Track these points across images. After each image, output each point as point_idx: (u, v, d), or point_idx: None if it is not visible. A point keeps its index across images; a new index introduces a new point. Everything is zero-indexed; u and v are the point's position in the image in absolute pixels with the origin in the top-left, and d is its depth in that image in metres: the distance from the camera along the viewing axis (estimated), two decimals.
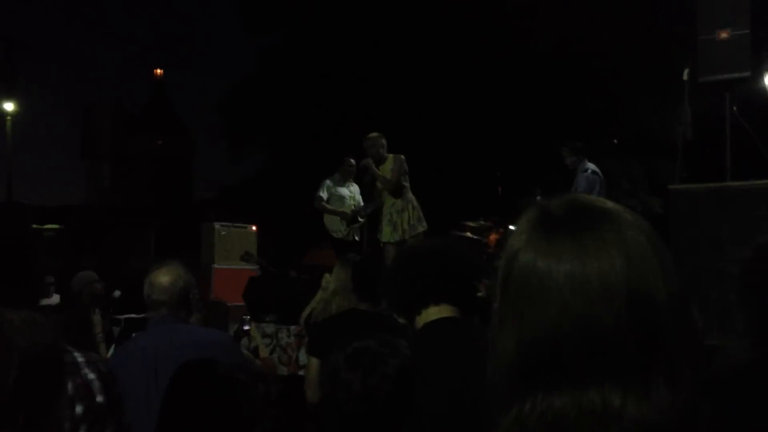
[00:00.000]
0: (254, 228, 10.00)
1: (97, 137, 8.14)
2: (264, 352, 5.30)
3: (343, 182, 8.59)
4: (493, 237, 9.11)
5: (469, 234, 9.53)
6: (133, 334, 3.72)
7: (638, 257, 0.75)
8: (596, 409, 0.71)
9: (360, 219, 8.37)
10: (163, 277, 2.86)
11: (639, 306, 0.73)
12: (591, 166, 7.15)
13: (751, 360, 1.70)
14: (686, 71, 4.91)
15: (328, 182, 8.49)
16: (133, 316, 5.58)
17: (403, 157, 7.21)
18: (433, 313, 2.22)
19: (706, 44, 4.78)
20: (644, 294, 0.73)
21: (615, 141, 7.12)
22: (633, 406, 0.71)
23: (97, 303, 5.34)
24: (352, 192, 8.65)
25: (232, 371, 1.92)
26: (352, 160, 8.45)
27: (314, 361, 3.34)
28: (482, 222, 9.46)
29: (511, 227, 9.03)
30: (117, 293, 5.35)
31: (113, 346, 4.50)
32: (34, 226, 9.49)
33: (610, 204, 0.81)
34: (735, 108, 4.79)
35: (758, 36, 4.71)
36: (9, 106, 21.20)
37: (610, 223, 0.77)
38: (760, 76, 4.68)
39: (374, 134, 7.34)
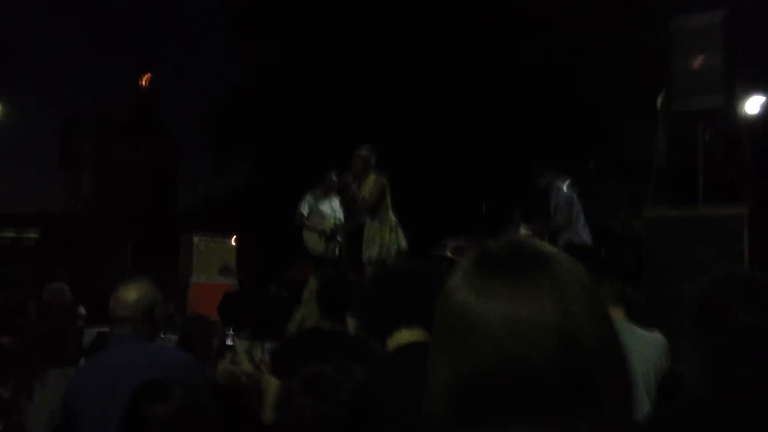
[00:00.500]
0: (234, 242, 9.95)
1: (75, 149, 8.10)
2: (248, 367, 5.25)
3: (324, 197, 8.58)
4: None
5: (449, 253, 9.57)
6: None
7: (570, 303, 0.76)
8: None
9: (339, 238, 8.35)
10: (130, 293, 2.86)
11: (568, 350, 0.74)
12: (563, 182, 7.20)
13: (707, 396, 1.71)
14: (660, 98, 4.97)
15: (309, 197, 8.47)
16: (106, 329, 5.54)
17: (385, 180, 7.16)
18: (405, 336, 2.23)
19: (679, 72, 4.85)
20: (574, 339, 0.75)
21: (591, 166, 7.19)
22: None
23: (69, 317, 5.28)
24: (333, 208, 8.63)
25: (189, 393, 1.91)
26: (334, 176, 8.45)
27: (273, 382, 3.33)
28: (462, 241, 9.50)
29: None
30: (81, 310, 5.29)
31: (82, 359, 4.45)
32: (12, 234, 9.39)
33: (550, 249, 0.83)
34: (707, 137, 4.86)
35: (731, 65, 4.78)
36: None
37: (545, 268, 0.79)
38: (733, 105, 4.73)
39: (365, 151, 7.27)
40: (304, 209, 8.33)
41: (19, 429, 3.34)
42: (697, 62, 4.79)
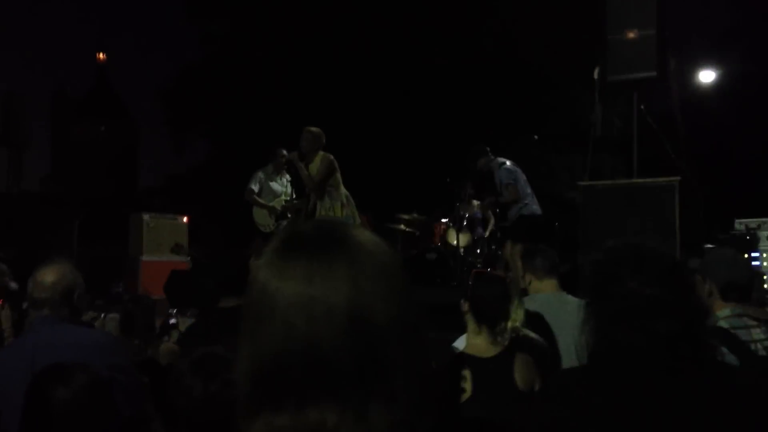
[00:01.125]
0: (185, 219, 9.83)
1: (16, 124, 7.88)
2: None
3: (276, 174, 8.49)
4: (438, 230, 9.22)
5: (403, 227, 9.64)
6: None
7: (365, 283, 0.77)
8: (313, 428, 0.73)
9: (289, 215, 8.30)
10: (47, 276, 2.80)
11: (359, 329, 0.75)
12: (502, 159, 7.28)
13: (585, 367, 1.75)
14: (596, 70, 5.02)
15: (260, 174, 8.34)
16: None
17: (331, 157, 7.09)
18: None
19: (614, 44, 4.91)
20: (366, 319, 0.75)
21: (535, 137, 7.27)
22: (348, 426, 0.73)
23: (7, 297, 5.17)
24: (284, 185, 8.56)
25: (91, 375, 1.89)
26: (285, 152, 8.36)
27: None
28: (415, 215, 9.57)
29: (444, 220, 9.17)
30: (13, 285, 5.18)
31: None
32: None
33: (355, 232, 0.83)
34: (642, 107, 4.93)
35: (664, 36, 4.85)
36: None
37: (343, 249, 0.79)
38: (666, 76, 4.81)
39: (315, 130, 7.15)
40: (255, 186, 8.20)
41: None
42: (632, 34, 4.84)
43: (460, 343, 3.18)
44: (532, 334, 3.22)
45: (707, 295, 2.71)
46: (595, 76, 5.05)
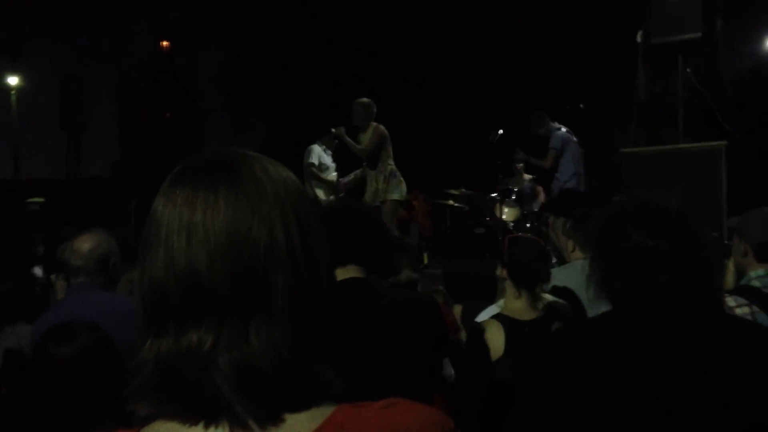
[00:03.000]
0: None
1: (74, 109, 8.19)
2: None
3: (327, 152, 8.57)
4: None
5: (451, 202, 9.61)
6: None
7: (245, 211, 0.78)
8: (192, 349, 0.75)
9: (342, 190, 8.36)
10: (83, 244, 2.87)
11: (236, 251, 0.76)
12: (562, 127, 7.22)
13: (588, 320, 1.75)
14: (640, 33, 4.86)
15: (317, 148, 8.40)
16: None
17: (383, 128, 7.14)
18: (339, 274, 2.25)
19: (658, 5, 4.74)
20: (244, 241, 0.77)
21: (581, 106, 7.11)
22: (226, 346, 0.75)
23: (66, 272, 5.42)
24: (335, 162, 8.66)
25: (95, 335, 1.97)
26: (333, 129, 8.44)
27: None
28: (463, 190, 9.52)
29: (493, 194, 9.09)
30: (40, 248, 5.38)
31: None
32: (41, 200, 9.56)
33: (250, 162, 0.83)
34: (688, 69, 4.76)
35: None
36: (13, 81, 21.29)
37: (230, 177, 0.80)
38: (711, 38, 4.62)
39: (365, 100, 7.21)
40: (314, 159, 8.23)
41: None
42: None
43: (487, 314, 3.18)
44: (562, 302, 3.20)
45: (742, 255, 2.66)
46: (639, 39, 4.89)
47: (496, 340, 2.70)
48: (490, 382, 2.63)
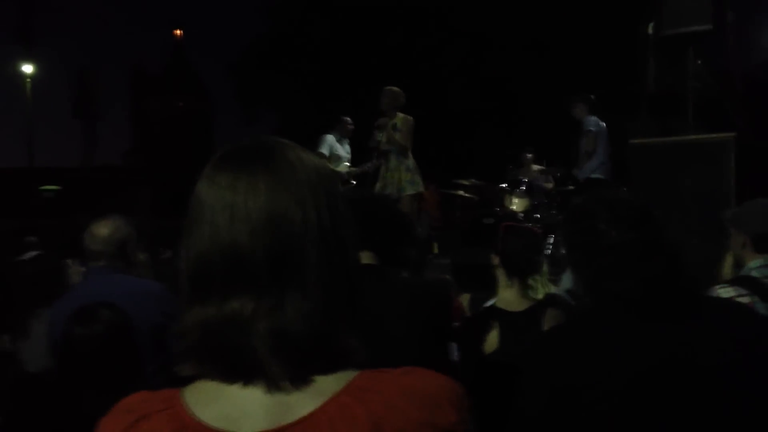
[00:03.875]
0: None
1: (88, 98, 8.28)
2: None
3: (341, 140, 8.61)
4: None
5: (462, 192, 9.66)
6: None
7: (283, 192, 0.87)
8: (234, 317, 0.84)
9: (353, 181, 8.41)
10: (102, 229, 2.93)
11: (275, 231, 0.85)
12: (595, 118, 7.20)
13: (578, 315, 1.77)
14: (650, 25, 4.87)
15: (329, 138, 8.44)
16: None
17: (412, 119, 7.15)
18: None
19: None
20: (281, 222, 0.86)
21: (592, 97, 7.12)
22: (264, 314, 0.83)
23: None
24: (347, 151, 8.69)
25: (117, 316, 2.04)
26: (349, 119, 8.47)
27: None
28: (474, 180, 9.57)
29: (503, 185, 9.12)
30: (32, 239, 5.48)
31: None
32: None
33: (285, 149, 0.92)
34: (699, 61, 4.77)
35: None
36: (28, 69, 21.46)
37: (267, 162, 0.89)
38: (722, 30, 4.63)
39: (395, 88, 7.20)
40: (325, 150, 8.28)
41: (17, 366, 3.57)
42: None
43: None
44: (560, 292, 3.24)
45: (740, 247, 2.68)
46: (650, 31, 4.90)
47: (491, 333, 2.73)
48: (484, 375, 2.67)
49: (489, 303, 3.12)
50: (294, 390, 0.84)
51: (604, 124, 7.21)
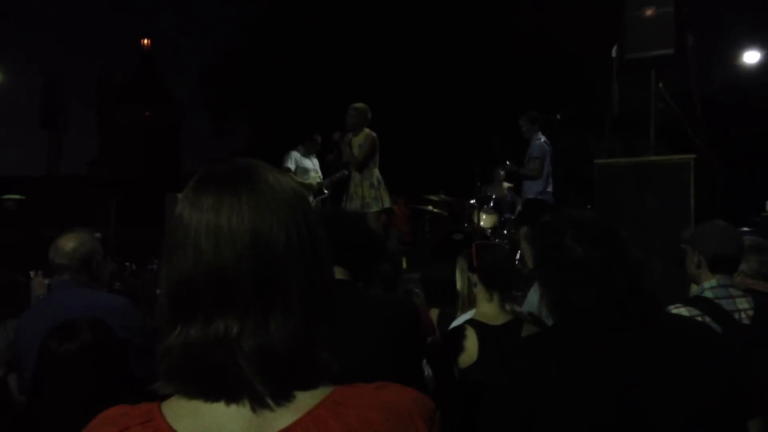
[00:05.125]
0: None
1: (55, 108, 8.18)
2: None
3: (307, 155, 8.66)
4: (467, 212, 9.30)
5: (431, 207, 9.74)
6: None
7: (265, 214, 0.89)
8: (219, 336, 0.86)
9: (325, 191, 8.45)
10: (67, 243, 2.94)
11: (259, 253, 0.87)
12: (543, 137, 7.35)
13: (545, 331, 1.83)
14: (615, 48, 5.01)
15: (295, 153, 8.50)
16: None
17: (375, 135, 7.19)
18: None
19: (632, 21, 4.88)
20: (264, 244, 0.88)
21: (558, 116, 7.28)
22: (249, 334, 0.86)
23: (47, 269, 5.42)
24: (314, 165, 8.73)
25: (98, 331, 2.03)
26: (318, 137, 8.53)
27: None
28: (443, 196, 9.66)
29: (471, 201, 9.22)
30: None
31: None
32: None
33: (263, 171, 0.94)
34: (660, 84, 4.91)
35: (682, 14, 4.81)
36: None
37: (248, 184, 0.91)
38: (683, 53, 4.78)
39: (360, 106, 7.26)
40: (291, 164, 8.34)
41: None
42: (650, 12, 4.82)
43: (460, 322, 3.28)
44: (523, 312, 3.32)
45: (696, 267, 2.75)
46: (614, 54, 5.04)
47: (469, 345, 2.79)
48: (462, 387, 2.71)
49: (462, 318, 3.18)
50: (274, 406, 0.86)
51: (548, 145, 7.34)
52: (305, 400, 0.88)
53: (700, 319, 2.46)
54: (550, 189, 7.36)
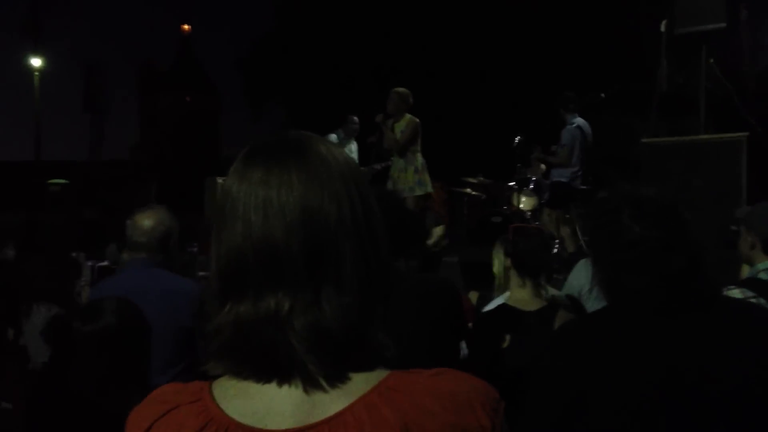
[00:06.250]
0: None
1: (98, 93, 8.29)
2: None
3: (346, 140, 8.61)
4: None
5: (469, 190, 9.62)
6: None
7: (316, 187, 0.85)
8: (270, 313, 0.82)
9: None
10: (146, 220, 2.82)
11: (309, 226, 0.83)
12: (578, 120, 7.10)
13: (594, 313, 1.77)
14: (663, 23, 4.82)
15: (334, 136, 8.45)
16: (105, 263, 5.77)
17: (418, 121, 7.12)
18: None
19: None
20: (316, 215, 0.84)
21: (602, 95, 7.03)
22: (301, 311, 0.82)
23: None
24: (352, 151, 8.69)
25: (123, 314, 2.02)
26: (356, 118, 8.46)
27: None
28: (481, 178, 9.52)
29: (510, 183, 9.07)
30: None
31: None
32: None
33: (315, 143, 0.90)
34: (711, 60, 4.72)
35: None
36: (36, 62, 21.51)
37: (299, 156, 0.87)
38: (735, 28, 4.58)
39: (402, 90, 7.18)
40: None
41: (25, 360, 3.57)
42: None
43: (494, 306, 3.22)
44: (561, 296, 3.25)
45: (749, 248, 2.65)
46: (662, 29, 4.86)
47: (501, 330, 2.73)
48: (496, 371, 2.66)
49: (496, 301, 3.11)
50: (328, 388, 0.83)
51: (586, 127, 7.11)
52: (359, 384, 0.84)
53: (754, 300, 2.37)
54: (580, 173, 7.16)
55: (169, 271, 2.87)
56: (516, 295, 2.87)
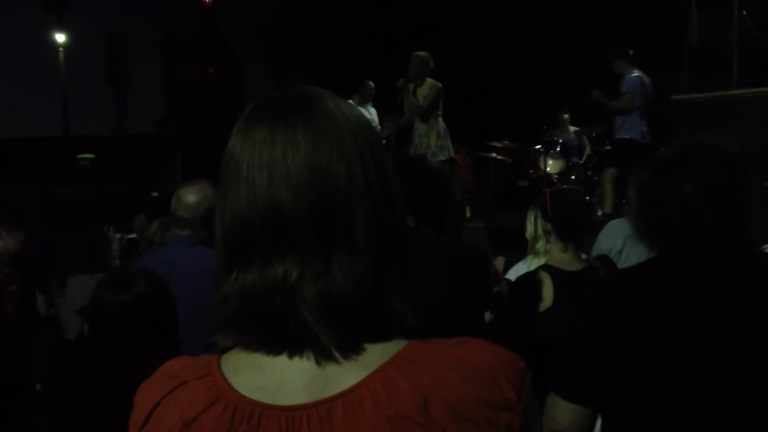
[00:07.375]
0: None
1: (119, 65, 8.30)
2: None
3: (362, 105, 8.55)
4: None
5: (494, 154, 9.53)
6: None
7: (325, 146, 0.79)
8: (278, 282, 0.77)
9: (383, 141, 8.32)
10: (190, 195, 2.78)
11: (318, 188, 0.77)
12: (637, 71, 6.85)
13: (631, 269, 1.75)
14: None
15: (351, 102, 8.39)
16: (133, 236, 5.84)
17: (440, 85, 7.03)
18: None
19: None
20: (325, 176, 0.78)
21: (630, 52, 6.80)
22: (311, 278, 0.76)
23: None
24: (371, 114, 8.62)
25: (152, 285, 2.02)
26: (371, 83, 8.39)
27: None
28: (507, 142, 9.41)
29: (537, 146, 8.94)
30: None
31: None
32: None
33: (324, 99, 0.83)
34: (744, 12, 4.55)
35: None
36: (60, 38, 21.62)
37: (306, 113, 0.81)
38: None
39: (423, 54, 7.10)
40: None
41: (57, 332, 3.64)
42: None
43: (516, 272, 3.19)
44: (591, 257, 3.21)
45: None
46: None
47: (544, 290, 2.70)
48: (536, 333, 2.64)
49: (518, 266, 3.08)
50: (342, 359, 0.78)
51: (647, 79, 6.88)
52: (374, 356, 0.78)
53: None
54: (645, 129, 6.91)
55: (212, 248, 2.85)
56: (557, 257, 2.83)
